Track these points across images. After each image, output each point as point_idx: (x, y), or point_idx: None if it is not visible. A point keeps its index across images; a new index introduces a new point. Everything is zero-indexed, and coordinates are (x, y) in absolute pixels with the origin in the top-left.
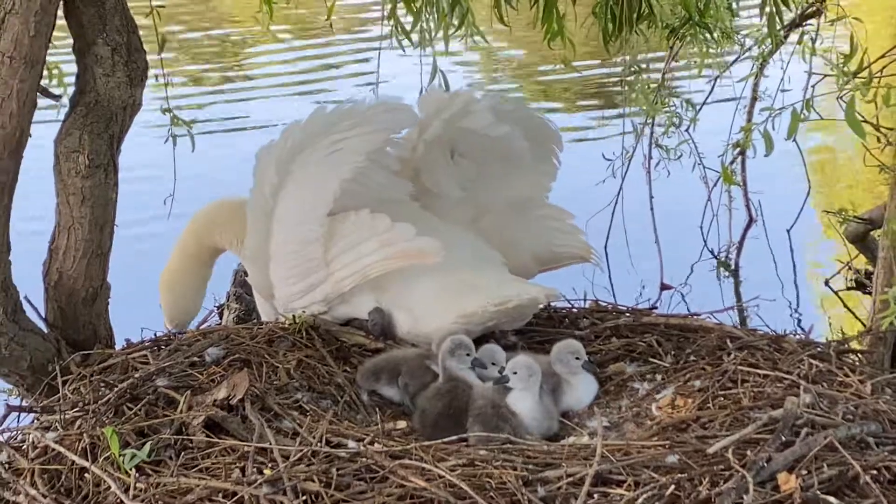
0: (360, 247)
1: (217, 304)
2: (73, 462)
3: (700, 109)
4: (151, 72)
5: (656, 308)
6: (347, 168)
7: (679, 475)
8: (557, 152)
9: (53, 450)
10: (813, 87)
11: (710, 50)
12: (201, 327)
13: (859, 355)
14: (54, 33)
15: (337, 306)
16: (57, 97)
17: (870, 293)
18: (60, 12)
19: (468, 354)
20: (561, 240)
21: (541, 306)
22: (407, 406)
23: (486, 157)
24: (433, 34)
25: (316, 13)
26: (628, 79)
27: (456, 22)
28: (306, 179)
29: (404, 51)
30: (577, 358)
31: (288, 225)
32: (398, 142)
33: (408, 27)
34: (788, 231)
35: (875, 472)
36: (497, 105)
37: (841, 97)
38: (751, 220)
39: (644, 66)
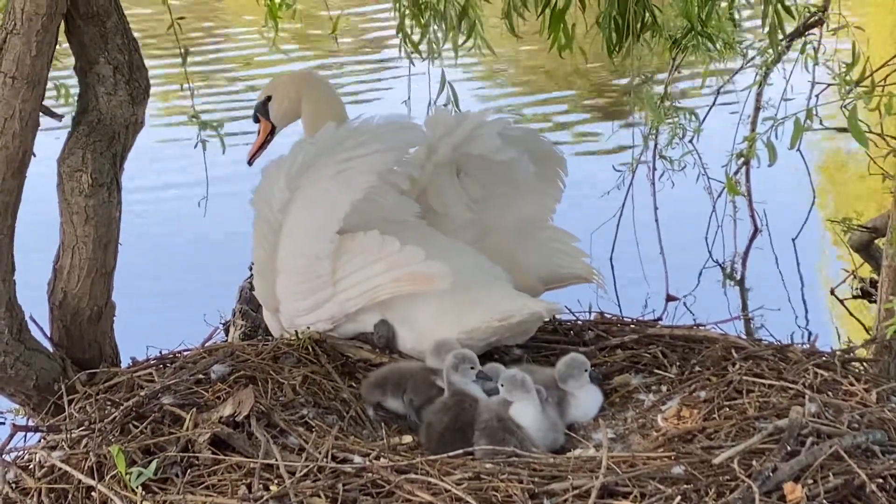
0: (368, 268)
1: (223, 321)
2: (80, 481)
3: (704, 120)
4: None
5: (661, 319)
6: (359, 187)
7: (685, 486)
8: (562, 175)
9: (60, 469)
10: (817, 96)
11: (713, 61)
12: (207, 344)
13: (864, 364)
14: (61, 53)
15: (343, 324)
16: (59, 116)
17: (875, 301)
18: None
19: (472, 368)
20: (564, 261)
21: (545, 320)
22: (412, 421)
23: (492, 178)
24: (441, 45)
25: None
26: (634, 90)
27: (464, 34)
28: (316, 196)
29: (413, 63)
30: (586, 370)
31: (297, 240)
32: (408, 161)
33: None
34: (794, 240)
35: (881, 480)
36: (504, 129)
37: (844, 106)
38: (756, 230)
39: (648, 76)
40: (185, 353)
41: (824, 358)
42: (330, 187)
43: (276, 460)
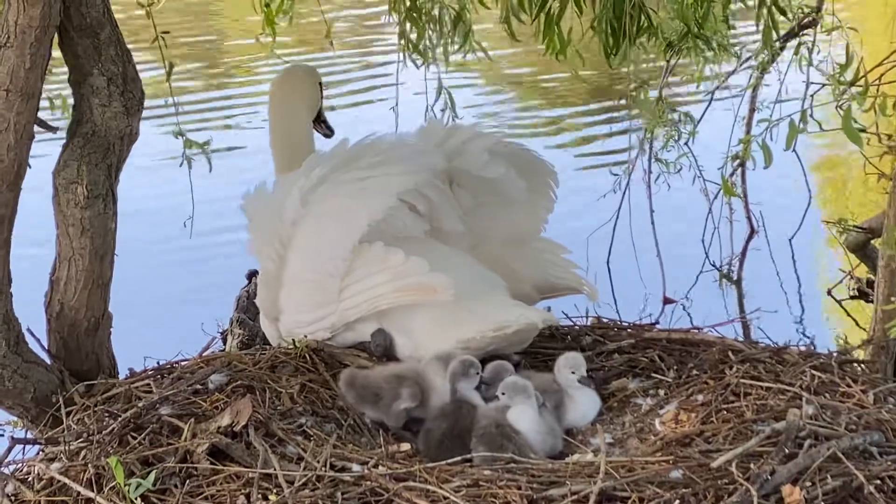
0: (371, 278)
1: (221, 330)
2: (79, 493)
3: (699, 122)
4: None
5: (658, 323)
6: (379, 208)
7: (683, 490)
8: (553, 187)
9: (59, 481)
10: (811, 96)
11: (709, 63)
12: (204, 354)
13: (861, 365)
14: (55, 65)
15: (341, 333)
16: (54, 129)
17: (872, 302)
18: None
19: (477, 374)
20: (555, 273)
21: (541, 328)
22: (402, 434)
23: (484, 190)
24: (435, 50)
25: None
26: (631, 93)
27: (459, 38)
28: (332, 213)
29: (418, 66)
30: (573, 372)
31: (309, 256)
32: (425, 183)
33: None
34: (790, 241)
35: (879, 481)
36: (494, 145)
37: (839, 106)
38: (752, 232)
39: (645, 79)
40: (183, 364)
41: (821, 360)
42: (346, 206)
43: (275, 470)
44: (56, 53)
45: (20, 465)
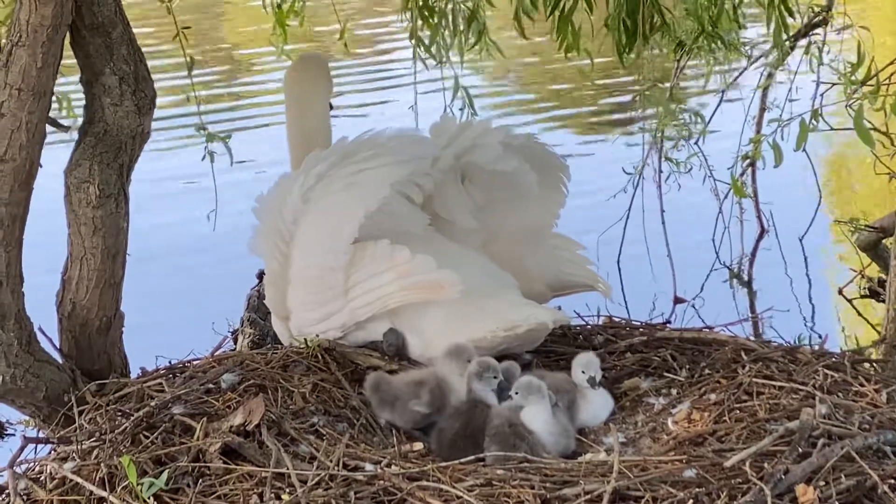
0: (378, 277)
1: (231, 330)
2: (91, 492)
3: (709, 122)
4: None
5: (670, 322)
6: (373, 199)
7: (697, 489)
8: (565, 181)
9: (71, 480)
10: (821, 96)
11: (718, 63)
12: (216, 353)
13: (874, 364)
14: (65, 64)
15: (353, 332)
16: (66, 128)
17: (884, 301)
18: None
19: (495, 377)
20: (569, 269)
21: (552, 328)
22: (416, 435)
23: (496, 185)
24: (449, 49)
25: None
26: (645, 91)
27: (473, 37)
28: (328, 208)
29: (428, 66)
30: (583, 371)
31: (309, 252)
32: (419, 172)
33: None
34: (801, 240)
35: (893, 481)
36: (507, 138)
37: (849, 106)
38: (763, 231)
39: (657, 77)
40: (195, 363)
41: (834, 359)
42: (341, 199)
43: (288, 469)
44: (65, 53)
45: (32, 464)
